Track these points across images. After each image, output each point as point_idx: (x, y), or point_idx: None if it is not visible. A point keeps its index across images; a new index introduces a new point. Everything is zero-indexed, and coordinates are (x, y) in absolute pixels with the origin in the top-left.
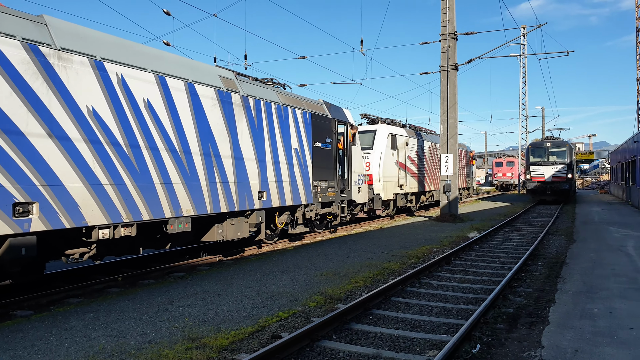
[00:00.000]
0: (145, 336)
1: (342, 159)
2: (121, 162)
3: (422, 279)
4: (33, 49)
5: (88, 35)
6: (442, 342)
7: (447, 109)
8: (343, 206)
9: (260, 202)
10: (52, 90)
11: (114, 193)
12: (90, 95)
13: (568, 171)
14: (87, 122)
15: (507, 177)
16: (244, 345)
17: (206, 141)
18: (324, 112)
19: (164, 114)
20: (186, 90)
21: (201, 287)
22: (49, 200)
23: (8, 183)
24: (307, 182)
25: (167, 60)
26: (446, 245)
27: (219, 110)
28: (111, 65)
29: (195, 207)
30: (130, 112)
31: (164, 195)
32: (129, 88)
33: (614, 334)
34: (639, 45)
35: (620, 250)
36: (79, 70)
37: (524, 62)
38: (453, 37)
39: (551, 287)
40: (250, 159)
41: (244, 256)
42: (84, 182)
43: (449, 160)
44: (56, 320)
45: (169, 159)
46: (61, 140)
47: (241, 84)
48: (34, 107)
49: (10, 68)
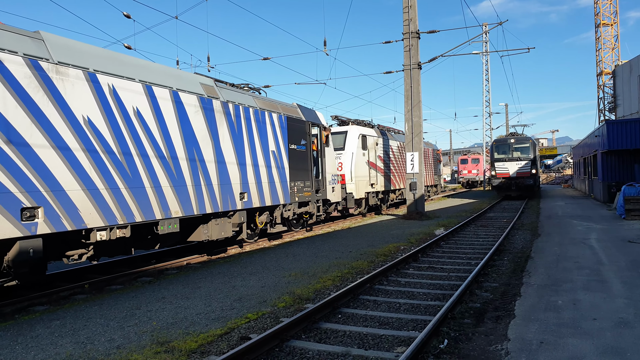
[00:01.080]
0: (114, 341)
1: (316, 160)
2: (115, 167)
3: (390, 276)
4: (34, 64)
5: (80, 48)
6: (410, 339)
7: (411, 108)
8: (318, 205)
9: (242, 202)
10: (52, 102)
11: (109, 197)
12: (85, 105)
13: (532, 167)
14: (83, 131)
15: (473, 174)
16: (213, 347)
17: (191, 146)
18: (298, 115)
19: (152, 121)
20: (171, 98)
21: (169, 291)
22: (53, 205)
23: (16, 190)
24: (284, 182)
25: (153, 70)
26: (413, 243)
27: (201, 117)
28: (103, 76)
29: (183, 208)
30: (122, 120)
31: (154, 198)
32: (120, 98)
33: (577, 325)
34: (598, 41)
35: (584, 243)
36: (75, 83)
37: (487, 60)
38: (415, 35)
39: (517, 281)
40: (231, 162)
41: (221, 257)
42: (82, 187)
43: (414, 159)
44: (22, 329)
45: (157, 164)
46: (61, 148)
47: (221, 90)
48: (36, 118)
49: (14, 82)
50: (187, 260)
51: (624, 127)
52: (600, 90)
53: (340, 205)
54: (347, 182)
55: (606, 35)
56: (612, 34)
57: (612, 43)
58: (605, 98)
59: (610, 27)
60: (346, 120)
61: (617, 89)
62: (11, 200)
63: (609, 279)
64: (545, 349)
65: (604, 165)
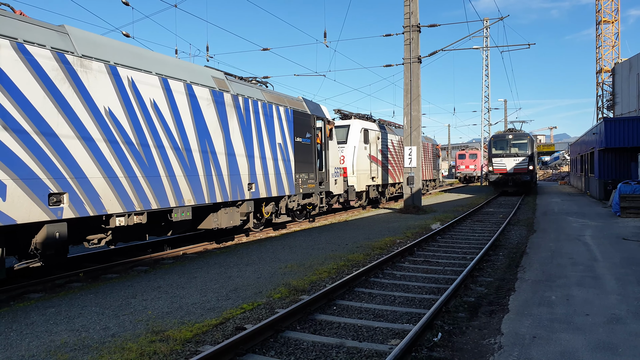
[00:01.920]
0: (108, 330)
1: (320, 153)
2: (133, 157)
3: (386, 269)
4: (60, 57)
5: (102, 42)
6: (404, 331)
7: (410, 102)
8: (321, 197)
9: (250, 193)
10: (77, 93)
11: (128, 184)
12: (107, 97)
13: (529, 163)
14: (104, 121)
15: (470, 169)
16: (208, 337)
17: (203, 137)
18: (303, 109)
19: (168, 113)
20: (185, 91)
21: (165, 280)
22: (77, 191)
23: (44, 176)
24: (290, 174)
25: (168, 63)
26: (409, 237)
27: (213, 109)
28: (123, 69)
29: (195, 197)
30: (140, 111)
31: (169, 186)
32: (138, 90)
33: (570, 320)
34: (598, 38)
35: (579, 240)
36: (97, 75)
37: (487, 55)
38: (416, 29)
39: (511, 276)
40: (240, 153)
41: (227, 245)
42: (104, 175)
43: (412, 153)
44: (16, 316)
45: (172, 154)
46: (84, 137)
47: (231, 83)
48: (62, 108)
49: (43, 74)
50: (184, 250)
51: (621, 125)
52: (599, 87)
53: (342, 197)
54: (349, 175)
55: (607, 33)
56: (613, 32)
57: (613, 40)
58: (604, 96)
59: (611, 24)
60: (348, 114)
61: (616, 86)
62: (40, 186)
63: (602, 275)
64: (538, 343)
65: (600, 163)
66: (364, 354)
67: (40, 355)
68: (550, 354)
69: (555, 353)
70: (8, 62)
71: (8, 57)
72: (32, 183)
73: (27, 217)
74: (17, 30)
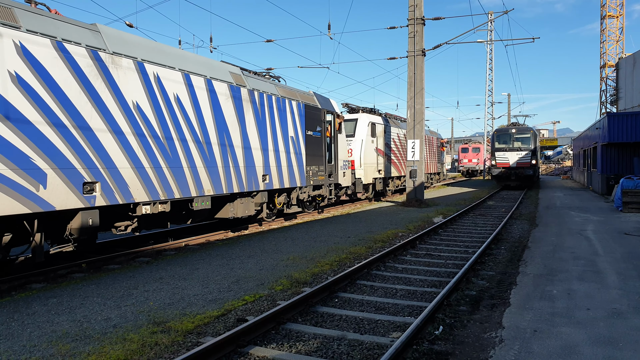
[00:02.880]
0: (110, 320)
1: (329, 146)
2: (158, 148)
3: (388, 262)
4: (94, 54)
5: (130, 39)
6: (406, 324)
7: (414, 95)
8: (330, 189)
9: (264, 184)
10: (108, 88)
11: (154, 175)
12: (135, 92)
13: (532, 157)
14: (133, 114)
15: (473, 163)
16: (210, 328)
17: (222, 131)
18: (314, 103)
19: (189, 107)
20: (206, 86)
21: (167, 271)
22: (108, 181)
23: (79, 166)
24: (301, 166)
25: (189, 59)
26: (411, 230)
27: (231, 104)
28: (149, 65)
29: (214, 187)
30: (164, 105)
31: (190, 177)
32: (163, 85)
33: (571, 314)
34: (603, 32)
35: (581, 235)
36: (126, 71)
37: (491, 49)
38: (420, 22)
39: (513, 270)
40: (255, 146)
41: (242, 234)
42: (132, 165)
43: (415, 146)
44: (18, 306)
45: (193, 146)
46: (115, 129)
47: (247, 78)
48: (95, 102)
49: (79, 71)
50: (186, 242)
51: (624, 120)
52: (603, 82)
53: (349, 189)
54: (357, 168)
55: (611, 27)
56: (617, 26)
57: (617, 35)
58: (608, 90)
59: (615, 19)
60: (356, 108)
61: (619, 81)
62: (75, 175)
63: (604, 270)
64: (539, 337)
65: (603, 158)
66: (366, 347)
67: (42, 345)
68: (551, 348)
69: (556, 347)
70: (49, 59)
71: (49, 55)
72: (69, 172)
73: (65, 204)
74: (56, 30)
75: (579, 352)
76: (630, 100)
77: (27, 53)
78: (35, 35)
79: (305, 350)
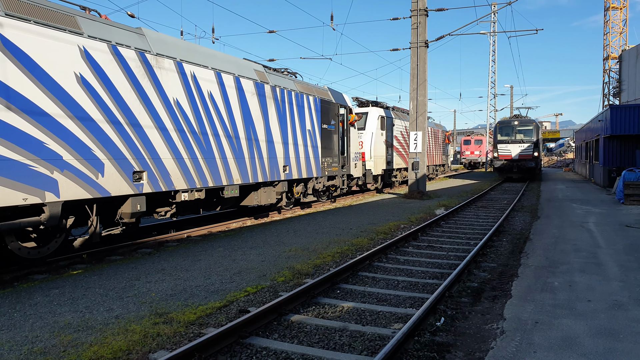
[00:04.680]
0: (112, 311)
1: (342, 139)
2: (194, 140)
3: (390, 254)
4: (142, 56)
5: (170, 41)
6: (407, 316)
7: (416, 87)
8: (343, 179)
9: (285, 174)
10: (153, 87)
11: (191, 165)
12: (175, 89)
13: (534, 149)
14: (173, 110)
15: (475, 155)
16: (212, 319)
17: (248, 124)
18: (329, 98)
19: (221, 103)
20: (235, 84)
21: (169, 263)
22: (153, 170)
23: (130, 157)
24: (317, 158)
25: (219, 58)
26: (413, 222)
27: (256, 100)
28: (187, 65)
29: (242, 176)
30: (200, 101)
31: (221, 167)
32: (198, 83)
33: (572, 306)
34: (606, 24)
35: (582, 227)
36: (168, 71)
37: (494, 40)
38: (424, 13)
39: (515, 262)
40: (277, 139)
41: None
42: (173, 156)
43: (417, 138)
44: (20, 297)
45: (224, 138)
46: (158, 123)
47: (269, 75)
48: (143, 99)
49: (129, 71)
50: (188, 233)
51: (627, 112)
52: (605, 74)
53: (360, 180)
54: (367, 160)
55: (615, 19)
56: (621, 18)
57: (620, 27)
58: (611, 83)
59: (619, 10)
60: (366, 102)
61: (622, 73)
62: (127, 165)
63: (605, 262)
64: (540, 328)
65: (605, 150)
66: (367, 338)
67: (44, 335)
68: (552, 339)
69: (557, 338)
70: (106, 62)
71: (106, 57)
72: (122, 162)
73: (119, 190)
74: (110, 34)
75: (580, 343)
76: (633, 93)
77: (89, 56)
78: (95, 40)
79: (307, 341)
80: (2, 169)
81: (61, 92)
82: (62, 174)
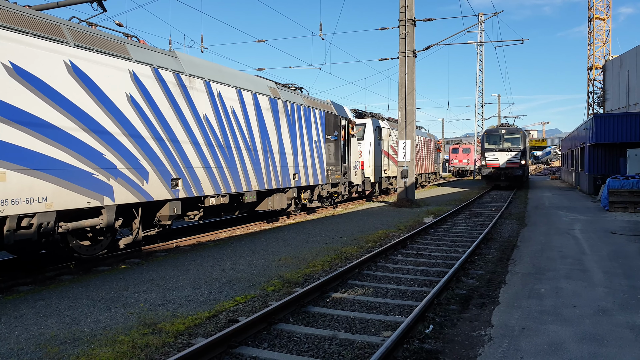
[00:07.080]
0: (100, 322)
1: (344, 148)
2: (219, 151)
3: (379, 262)
4: (177, 77)
5: (198, 62)
6: (396, 323)
7: (405, 96)
8: (345, 186)
9: (294, 181)
10: (187, 104)
11: (217, 173)
12: (204, 106)
13: (522, 157)
14: (203, 124)
15: (463, 163)
16: (201, 329)
17: (264, 137)
18: (332, 110)
19: (241, 117)
20: (253, 100)
21: (157, 273)
22: (187, 178)
23: (169, 166)
24: (322, 167)
25: (239, 77)
26: (402, 230)
27: (270, 114)
28: (214, 84)
29: (259, 183)
30: (224, 116)
31: (242, 175)
32: (223, 100)
33: (558, 312)
34: (590, 35)
35: (568, 234)
36: (198, 89)
37: (481, 50)
38: (412, 23)
39: (502, 269)
40: (288, 149)
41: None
42: (202, 165)
43: (406, 147)
44: (5, 308)
45: (244, 149)
46: (191, 135)
47: (281, 91)
48: (179, 116)
49: (168, 90)
50: (176, 243)
51: (611, 121)
52: (590, 84)
53: (359, 187)
54: (366, 168)
55: (598, 30)
56: (604, 29)
57: (604, 38)
58: (595, 92)
59: (602, 21)
60: (363, 113)
61: (606, 83)
62: (166, 173)
63: (590, 268)
64: (527, 335)
65: (590, 158)
66: (357, 346)
67: (30, 348)
68: (539, 345)
69: (544, 344)
70: (150, 83)
71: (150, 79)
72: (162, 171)
73: (159, 195)
74: (152, 58)
75: (566, 348)
76: (617, 102)
77: (137, 79)
78: (141, 64)
79: (296, 350)
80: (73, 176)
81: (116, 110)
82: (116, 180)
